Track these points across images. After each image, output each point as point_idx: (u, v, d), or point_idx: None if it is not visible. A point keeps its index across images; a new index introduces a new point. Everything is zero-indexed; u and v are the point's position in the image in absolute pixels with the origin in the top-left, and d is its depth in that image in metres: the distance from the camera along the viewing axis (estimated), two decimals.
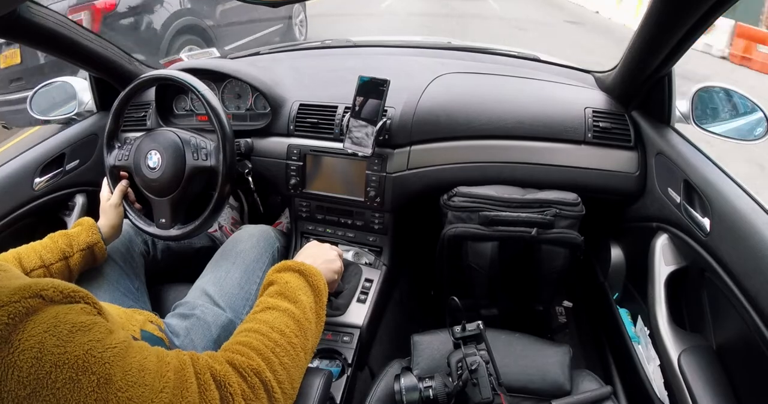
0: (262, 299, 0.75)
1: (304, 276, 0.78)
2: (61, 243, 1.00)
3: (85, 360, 0.47)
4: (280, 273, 0.79)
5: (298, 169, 1.29)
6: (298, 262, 0.81)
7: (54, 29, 1.10)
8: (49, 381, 0.45)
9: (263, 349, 0.63)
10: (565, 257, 1.20)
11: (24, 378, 0.44)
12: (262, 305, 0.73)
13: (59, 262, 0.98)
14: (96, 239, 1.04)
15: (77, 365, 0.46)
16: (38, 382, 0.44)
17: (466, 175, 1.24)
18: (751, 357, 0.87)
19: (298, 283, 0.77)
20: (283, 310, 0.71)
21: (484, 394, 0.78)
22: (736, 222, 0.84)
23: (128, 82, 1.14)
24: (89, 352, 0.47)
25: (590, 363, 1.44)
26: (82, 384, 0.46)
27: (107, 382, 0.47)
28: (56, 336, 0.46)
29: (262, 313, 0.71)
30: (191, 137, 1.15)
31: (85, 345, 0.48)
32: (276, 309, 0.71)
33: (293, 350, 0.66)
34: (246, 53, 1.66)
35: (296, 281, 0.77)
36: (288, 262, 0.81)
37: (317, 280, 0.79)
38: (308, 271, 0.79)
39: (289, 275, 0.78)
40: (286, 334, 0.67)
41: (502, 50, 1.56)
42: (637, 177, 1.19)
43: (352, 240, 1.38)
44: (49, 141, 1.34)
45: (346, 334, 1.19)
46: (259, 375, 0.60)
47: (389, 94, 1.14)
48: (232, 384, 0.57)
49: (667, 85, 1.09)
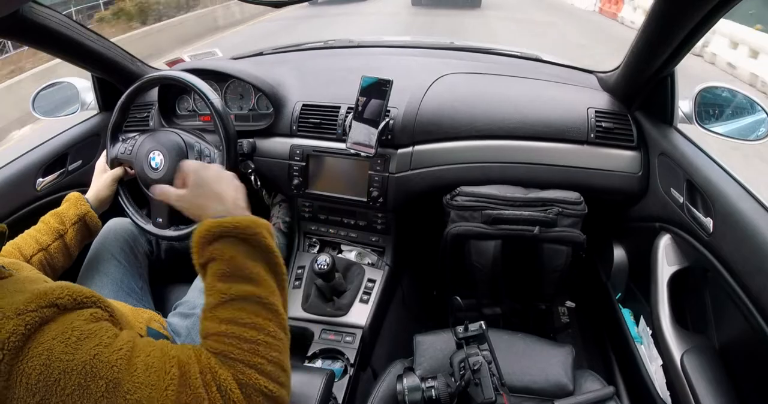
0: (212, 285, 0.62)
1: (242, 240, 0.63)
2: (53, 222, 1.01)
3: (93, 366, 0.47)
4: (213, 244, 0.63)
5: (301, 169, 1.29)
6: (226, 222, 0.63)
7: (57, 30, 1.10)
8: (58, 388, 0.45)
9: (246, 357, 0.56)
10: (567, 255, 1.21)
11: (33, 386, 0.44)
12: (217, 294, 0.60)
13: (56, 241, 0.99)
14: (85, 209, 1.06)
15: (85, 371, 0.46)
16: (47, 390, 0.45)
17: (468, 175, 1.24)
18: (753, 357, 0.87)
19: (240, 251, 0.62)
20: (243, 297, 0.60)
21: (487, 394, 0.78)
22: (739, 223, 0.84)
23: (131, 83, 1.15)
24: (96, 357, 0.48)
25: (593, 363, 1.44)
26: (91, 389, 0.46)
27: (116, 386, 0.47)
28: (64, 342, 0.47)
29: (222, 309, 0.60)
30: (196, 142, 1.15)
31: (92, 351, 0.48)
32: (237, 299, 0.60)
33: (274, 339, 0.59)
34: (249, 53, 1.66)
35: (236, 249, 0.62)
36: (212, 224, 0.63)
37: (259, 237, 0.64)
38: (244, 229, 0.63)
39: (224, 244, 0.62)
40: (260, 327, 0.59)
41: (505, 50, 1.56)
42: (640, 177, 1.19)
43: (354, 241, 1.39)
44: (51, 141, 1.35)
45: (348, 334, 1.19)
46: (254, 386, 0.56)
47: (392, 94, 1.15)
48: (234, 390, 0.54)
49: (670, 85, 1.09)
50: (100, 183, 1.14)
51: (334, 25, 9.14)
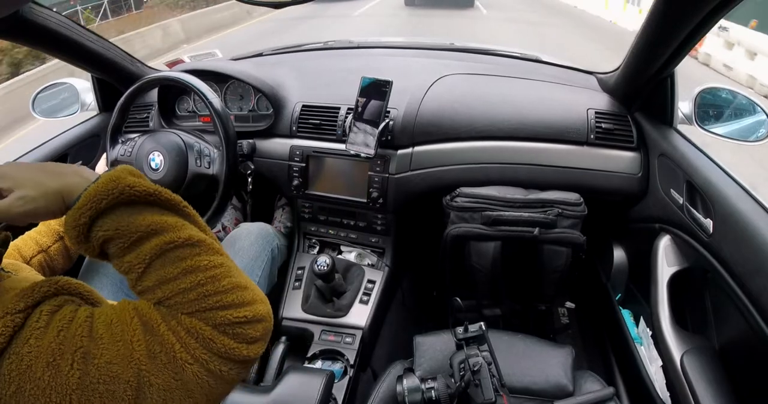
0: (120, 263, 0.53)
1: (117, 205, 0.53)
2: (53, 224, 1.01)
3: (58, 343, 0.47)
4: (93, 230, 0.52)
5: (301, 170, 1.29)
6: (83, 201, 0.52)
7: (56, 30, 1.10)
8: (30, 373, 0.45)
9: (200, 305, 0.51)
10: (567, 256, 1.21)
11: (6, 376, 0.45)
12: (131, 268, 0.52)
13: (56, 243, 0.99)
14: None
15: (51, 349, 0.46)
16: (20, 377, 0.45)
17: (468, 176, 1.24)
18: (753, 358, 0.87)
19: (121, 214, 0.53)
20: (156, 254, 0.52)
21: (487, 395, 0.78)
22: (739, 224, 0.84)
23: (131, 83, 1.15)
24: (60, 333, 0.48)
25: (593, 364, 1.44)
26: (60, 366, 0.46)
27: (84, 356, 0.47)
28: (34, 332, 0.47)
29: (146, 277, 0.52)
30: (195, 142, 1.15)
31: (56, 330, 0.48)
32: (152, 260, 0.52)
33: (215, 268, 0.53)
34: (249, 54, 1.66)
35: (117, 215, 0.52)
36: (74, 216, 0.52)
37: (124, 188, 0.52)
38: (107, 193, 0.52)
39: (105, 221, 0.52)
40: (192, 268, 0.52)
41: (504, 51, 1.56)
42: (640, 178, 1.19)
43: (354, 241, 1.39)
44: (51, 142, 1.34)
45: (348, 335, 1.19)
46: (226, 322, 0.51)
47: (392, 95, 1.15)
48: (204, 328, 0.50)
49: (670, 86, 1.09)
50: None
51: (321, 26, 9.09)
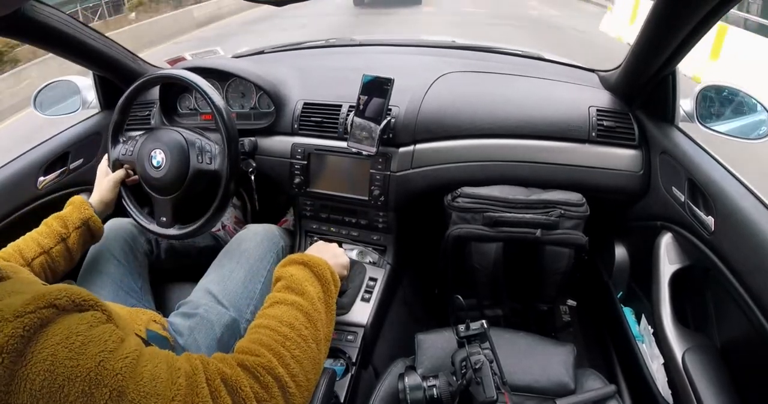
0: (271, 295, 0.75)
1: (308, 267, 0.78)
2: (56, 226, 1.01)
3: (97, 373, 0.46)
4: (285, 267, 0.79)
5: (302, 167, 1.29)
6: (301, 254, 0.81)
7: (58, 28, 1.10)
8: (62, 394, 0.44)
9: (273, 344, 0.63)
10: (569, 257, 1.20)
11: (36, 392, 0.43)
12: (270, 300, 0.73)
13: (58, 245, 0.99)
14: (89, 214, 1.05)
15: (90, 378, 0.45)
16: (51, 396, 0.44)
17: (470, 174, 1.24)
18: (755, 355, 0.87)
19: (303, 275, 0.77)
20: (290, 303, 0.71)
21: (488, 393, 0.78)
22: (741, 221, 0.84)
23: (132, 81, 1.14)
24: (101, 364, 0.47)
25: (594, 362, 1.44)
26: (95, 397, 0.45)
27: (120, 395, 0.46)
28: (68, 348, 0.46)
29: (270, 308, 0.71)
30: (197, 139, 1.15)
31: (97, 357, 0.47)
32: (283, 303, 0.71)
33: (304, 342, 0.66)
34: (250, 52, 1.66)
35: (301, 273, 0.77)
36: (292, 256, 0.81)
37: (322, 270, 0.79)
38: (312, 262, 0.79)
39: (293, 268, 0.78)
40: (295, 327, 0.67)
41: (506, 49, 1.56)
42: (642, 176, 1.19)
43: (356, 239, 1.38)
44: (53, 140, 1.35)
45: (350, 333, 1.19)
46: (272, 372, 0.59)
47: (393, 93, 1.14)
48: (244, 389, 0.56)
49: (671, 83, 1.09)
50: (103, 186, 1.14)
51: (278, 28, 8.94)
